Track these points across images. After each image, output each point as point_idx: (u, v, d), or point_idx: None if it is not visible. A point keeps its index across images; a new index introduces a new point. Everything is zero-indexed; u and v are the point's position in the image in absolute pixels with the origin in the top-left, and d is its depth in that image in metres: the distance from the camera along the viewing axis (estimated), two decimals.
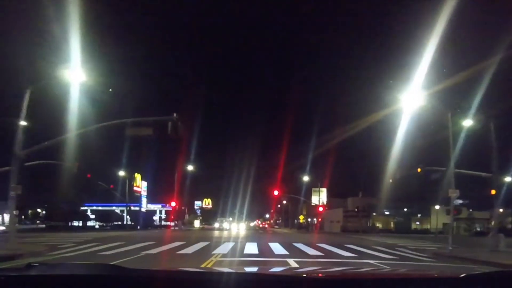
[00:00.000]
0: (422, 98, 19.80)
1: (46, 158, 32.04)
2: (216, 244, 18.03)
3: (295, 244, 18.60)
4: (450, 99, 21.87)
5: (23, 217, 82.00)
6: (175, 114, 16.15)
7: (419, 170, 26.87)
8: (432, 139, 28.16)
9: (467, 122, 22.63)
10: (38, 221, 68.48)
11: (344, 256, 13.32)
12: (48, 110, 21.28)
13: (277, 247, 16.48)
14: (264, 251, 14.83)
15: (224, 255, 12.80)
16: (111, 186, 43.35)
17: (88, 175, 38.31)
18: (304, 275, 1.96)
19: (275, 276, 2.02)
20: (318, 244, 19.07)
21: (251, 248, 16.19)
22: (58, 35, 16.53)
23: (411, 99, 20.10)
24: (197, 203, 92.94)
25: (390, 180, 31.38)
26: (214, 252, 13.78)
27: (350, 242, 22.68)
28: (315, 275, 2.14)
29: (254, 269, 4.60)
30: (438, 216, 50.11)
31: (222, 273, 1.88)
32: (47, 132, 20.47)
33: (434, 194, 50.89)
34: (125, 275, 1.55)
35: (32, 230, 43.60)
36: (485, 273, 1.92)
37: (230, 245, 17.68)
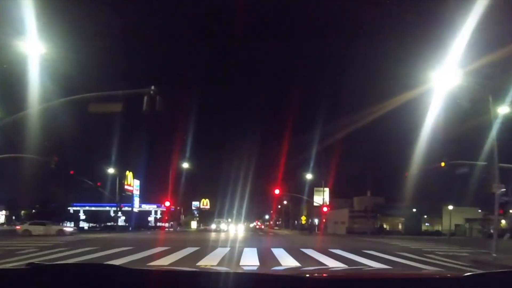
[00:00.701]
0: (453, 80, 16.48)
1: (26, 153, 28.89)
2: (207, 250, 14.60)
3: (304, 250, 15.19)
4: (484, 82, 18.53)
5: (13, 217, 78.85)
6: (152, 87, 12.87)
7: (442, 164, 23.49)
8: (457, 130, 24.86)
9: (504, 109, 19.37)
10: (28, 222, 65.18)
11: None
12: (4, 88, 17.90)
13: (283, 255, 13.04)
14: (268, 261, 11.39)
15: None
16: (99, 184, 39.84)
17: (71, 172, 34.97)
18: (307, 275, 1.89)
19: (276, 276, 1.93)
20: (332, 250, 15.65)
21: (250, 256, 12.78)
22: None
23: (438, 81, 16.82)
24: (195, 204, 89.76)
25: (406, 174, 27.92)
26: (199, 263, 10.35)
27: (367, 247, 19.29)
28: (317, 274, 2.06)
29: (254, 268, 4.56)
30: (452, 217, 46.70)
31: (221, 273, 1.67)
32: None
33: (448, 192, 47.81)
34: (124, 274, 1.53)
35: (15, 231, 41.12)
36: (485, 273, 1.75)
37: (223, 251, 14.26)
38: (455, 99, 18.20)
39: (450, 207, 46.58)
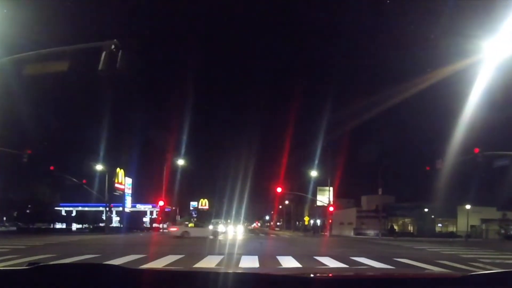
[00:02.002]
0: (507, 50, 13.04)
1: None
2: (193, 259, 11.09)
3: (320, 259, 11.71)
4: None
5: (4, 218, 75.38)
6: (115, 40, 9.46)
7: (476, 151, 19.99)
8: (496, 116, 21.37)
9: None
10: (19, 223, 62.25)
11: None
12: None
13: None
14: None
15: None
16: (84, 181, 36.29)
17: (51, 167, 31.47)
18: (310, 275, 1.82)
19: (277, 276, 1.86)
20: (355, 259, 12.16)
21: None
22: None
23: (486, 52, 13.41)
24: (193, 204, 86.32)
25: (428, 168, 24.40)
26: None
27: (395, 253, 15.85)
28: (319, 275, 1.92)
29: (256, 268, 4.65)
30: (469, 217, 43.10)
31: (220, 273, 1.63)
32: None
33: (463, 191, 44.31)
34: (123, 274, 1.53)
35: None
36: (485, 273, 1.71)
37: (214, 261, 10.77)
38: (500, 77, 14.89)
39: (468, 207, 42.99)
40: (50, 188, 46.17)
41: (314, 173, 44.82)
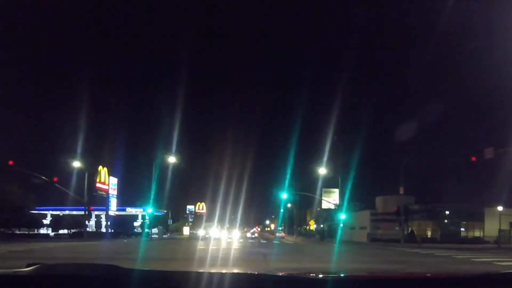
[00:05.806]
0: None
1: None
2: None
3: None
4: None
5: None
6: None
7: None
8: None
9: None
10: (2, 229, 57.51)
11: None
12: None
13: None
14: None
15: None
16: (55, 179, 31.11)
17: (10, 162, 26.36)
18: (310, 275, 1.82)
19: (276, 276, 1.84)
20: None
21: None
22: None
23: None
24: (189, 208, 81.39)
25: (474, 159, 19.25)
26: None
27: (450, 268, 10.67)
28: (322, 275, 1.87)
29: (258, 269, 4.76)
30: (495, 221, 37.95)
31: (221, 274, 1.66)
32: None
33: (491, 191, 39.14)
34: (124, 275, 1.54)
35: None
36: (485, 274, 1.79)
37: None
38: None
39: (500, 208, 37.69)
40: (21, 189, 41.23)
41: (322, 171, 39.89)
